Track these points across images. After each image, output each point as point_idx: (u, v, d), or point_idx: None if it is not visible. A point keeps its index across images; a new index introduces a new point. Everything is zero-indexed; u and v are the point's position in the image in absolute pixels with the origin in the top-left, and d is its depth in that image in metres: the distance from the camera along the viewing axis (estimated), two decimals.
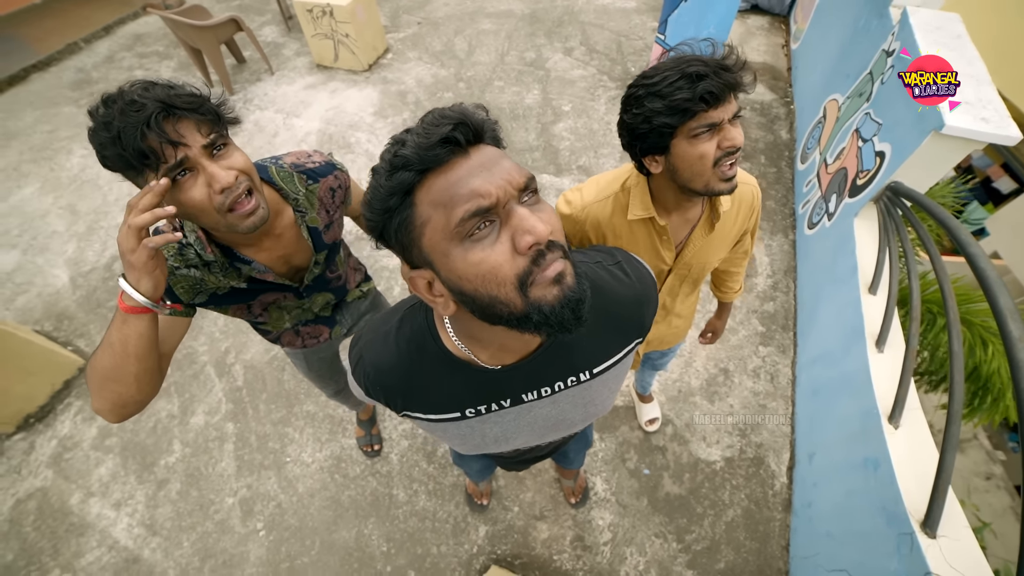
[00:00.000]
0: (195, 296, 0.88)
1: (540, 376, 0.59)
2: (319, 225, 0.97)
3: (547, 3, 4.68)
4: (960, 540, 1.07)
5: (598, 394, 0.66)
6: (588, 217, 0.98)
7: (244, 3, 4.93)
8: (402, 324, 0.60)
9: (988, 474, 4.41)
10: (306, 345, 1.26)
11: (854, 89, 2.32)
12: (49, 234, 2.82)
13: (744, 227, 1.05)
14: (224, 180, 0.70)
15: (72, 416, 2.07)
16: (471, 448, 0.71)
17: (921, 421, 1.32)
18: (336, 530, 1.75)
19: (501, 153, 0.46)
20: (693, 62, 0.74)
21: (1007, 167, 5.97)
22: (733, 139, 0.78)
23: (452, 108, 0.45)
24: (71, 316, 2.42)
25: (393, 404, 0.63)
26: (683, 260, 1.01)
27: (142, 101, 0.65)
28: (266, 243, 0.91)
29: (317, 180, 0.95)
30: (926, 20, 1.82)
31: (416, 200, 0.43)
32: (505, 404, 0.61)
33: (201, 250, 0.84)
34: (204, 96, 0.73)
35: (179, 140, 0.67)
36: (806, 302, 2.26)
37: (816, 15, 3.49)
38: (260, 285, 0.96)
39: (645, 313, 0.64)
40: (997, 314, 1.01)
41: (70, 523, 1.80)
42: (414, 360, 0.59)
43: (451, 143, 0.42)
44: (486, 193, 0.41)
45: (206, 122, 0.71)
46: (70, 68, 4.13)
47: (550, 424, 0.67)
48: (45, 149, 3.36)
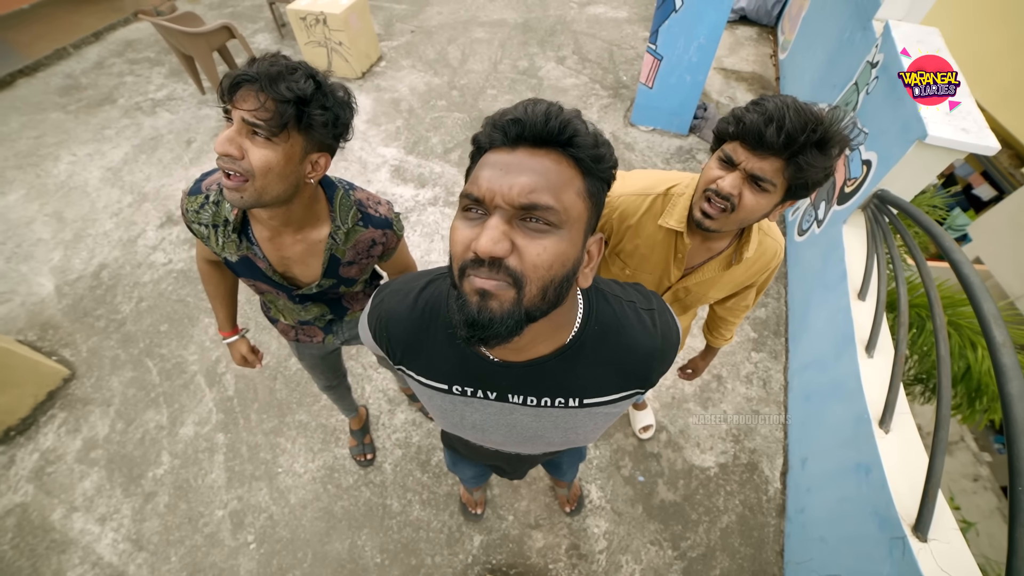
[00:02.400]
0: (208, 244, 0.95)
1: (531, 385, 0.60)
2: (343, 258, 0.97)
3: (540, 12, 4.74)
4: (950, 543, 1.08)
5: (582, 424, 0.66)
6: (619, 206, 0.97)
7: (237, 10, 4.93)
8: (427, 286, 0.63)
9: (975, 476, 4.48)
10: (299, 340, 1.26)
11: (840, 99, 2.38)
12: (34, 242, 2.76)
13: (754, 279, 1.04)
14: (217, 147, 0.72)
15: (56, 428, 2.02)
16: (448, 425, 0.72)
17: (911, 425, 1.34)
18: (329, 542, 1.72)
19: (538, 166, 0.44)
20: (793, 109, 0.68)
21: (987, 175, 6.13)
22: (720, 184, 0.77)
23: (532, 105, 0.46)
24: (56, 325, 2.37)
25: (393, 354, 0.65)
26: (686, 283, 1.01)
27: (261, 68, 0.70)
28: (282, 238, 0.91)
29: (367, 227, 0.96)
30: (907, 33, 1.88)
31: (479, 161, 0.49)
32: (491, 396, 0.62)
33: (229, 209, 0.88)
34: (294, 96, 0.71)
35: (234, 98, 0.71)
36: (797, 308, 2.29)
37: (803, 27, 3.58)
38: (252, 270, 0.96)
39: (654, 368, 0.62)
40: (981, 319, 1.03)
41: (51, 540, 1.75)
42: (425, 322, 0.61)
43: (501, 132, 0.46)
44: (478, 187, 0.45)
45: (268, 109, 0.70)
46: (58, 74, 4.09)
47: (527, 435, 0.68)
48: (31, 155, 3.31)
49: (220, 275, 1.15)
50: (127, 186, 3.08)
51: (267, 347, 2.23)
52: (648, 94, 3.22)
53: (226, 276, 1.17)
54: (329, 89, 0.77)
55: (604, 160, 0.48)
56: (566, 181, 0.45)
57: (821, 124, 0.68)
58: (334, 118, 0.77)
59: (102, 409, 2.08)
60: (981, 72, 5.22)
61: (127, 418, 2.05)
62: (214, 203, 0.89)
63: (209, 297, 1.20)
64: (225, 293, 1.19)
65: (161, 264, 2.62)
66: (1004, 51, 5.21)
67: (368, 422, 1.98)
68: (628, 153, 3.26)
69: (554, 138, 0.45)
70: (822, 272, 2.04)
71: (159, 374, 2.18)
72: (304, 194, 0.84)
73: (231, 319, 1.25)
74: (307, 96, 0.72)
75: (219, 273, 1.15)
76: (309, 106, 0.73)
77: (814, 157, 0.69)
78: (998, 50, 5.25)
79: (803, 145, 0.68)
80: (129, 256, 2.67)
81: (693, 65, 2.95)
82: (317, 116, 0.74)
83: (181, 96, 3.78)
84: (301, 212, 0.87)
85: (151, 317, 2.39)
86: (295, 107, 0.72)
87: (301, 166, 0.79)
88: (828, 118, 0.69)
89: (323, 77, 0.76)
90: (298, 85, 0.71)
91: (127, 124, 3.54)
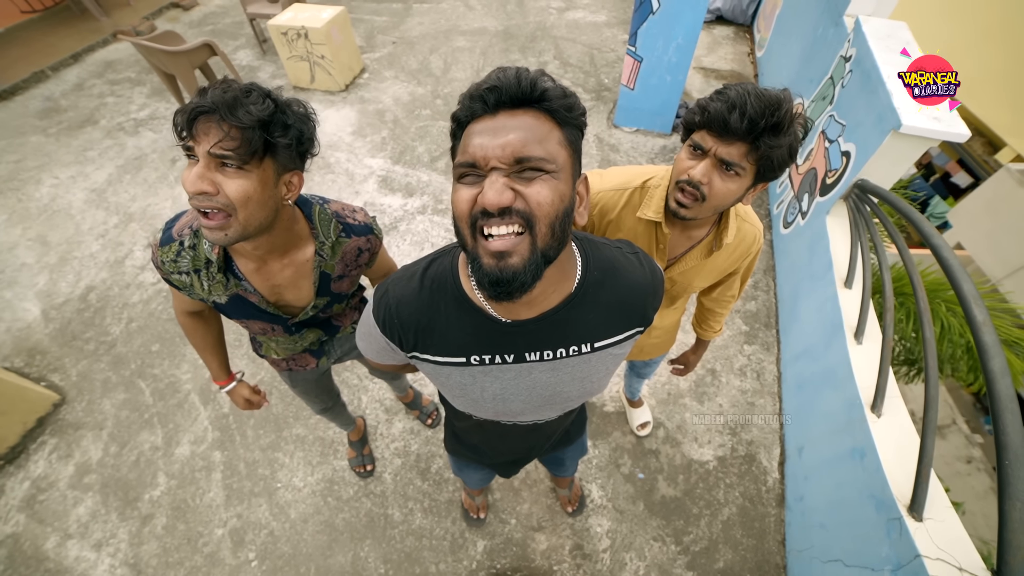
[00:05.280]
0: (191, 294, 0.93)
1: (545, 338, 0.63)
2: (332, 273, 0.97)
3: (520, 19, 4.80)
4: (945, 521, 1.10)
5: (595, 370, 0.69)
6: (599, 202, 0.99)
7: (218, 27, 4.92)
8: (429, 265, 0.65)
9: (968, 457, 4.55)
10: (292, 369, 1.25)
11: (817, 93, 2.44)
12: (18, 267, 2.72)
13: (736, 265, 1.06)
14: (188, 186, 0.69)
15: (47, 455, 1.98)
16: (468, 402, 0.72)
17: (902, 408, 1.37)
18: (331, 555, 1.71)
19: (520, 124, 0.49)
20: (754, 95, 0.72)
21: (962, 163, 6.29)
22: (691, 173, 0.80)
23: (502, 72, 0.50)
24: (44, 350, 2.33)
25: (405, 341, 0.66)
26: (670, 274, 1.03)
27: (215, 96, 0.67)
28: (269, 267, 0.90)
29: (350, 236, 0.96)
30: (877, 28, 1.93)
31: (463, 135, 0.53)
32: (508, 359, 0.64)
33: (209, 249, 0.86)
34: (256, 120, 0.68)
35: (195, 133, 0.69)
36: (786, 299, 2.33)
37: (777, 24, 3.66)
38: (245, 308, 0.95)
39: (648, 304, 0.68)
40: (962, 300, 1.06)
41: (45, 569, 1.71)
42: (433, 298, 0.63)
43: (480, 102, 0.50)
44: (472, 154, 0.49)
45: (234, 137, 0.68)
46: (37, 97, 4.04)
47: (547, 395, 0.70)
48: (11, 180, 3.26)
49: (204, 326, 1.11)
50: (112, 207, 3.04)
51: (261, 364, 2.21)
52: (630, 95, 3.27)
53: (210, 325, 1.13)
54: (287, 106, 0.75)
55: (575, 109, 0.52)
56: (547, 133, 0.50)
57: (780, 106, 0.72)
58: (299, 134, 0.76)
59: (94, 433, 2.04)
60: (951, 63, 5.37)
61: (120, 441, 2.01)
62: (191, 248, 0.86)
63: (197, 350, 1.15)
64: (213, 343, 1.15)
65: (150, 284, 2.59)
66: (971, 42, 5.38)
67: (366, 433, 1.97)
68: (613, 154, 3.30)
69: (528, 96, 0.50)
70: (809, 263, 2.08)
71: (152, 394, 2.15)
72: (283, 217, 0.83)
73: (224, 367, 1.20)
74: (269, 118, 0.70)
75: (203, 324, 1.11)
76: (272, 127, 0.71)
77: (776, 138, 0.74)
78: (965, 41, 5.41)
79: (765, 127, 0.73)
80: (117, 277, 2.64)
81: (673, 65, 3.00)
82: (281, 137, 0.73)
83: (164, 115, 3.75)
84: (283, 236, 0.86)
85: (142, 337, 2.36)
86: (260, 131, 0.70)
87: (277, 189, 0.77)
88: (786, 100, 0.73)
89: (278, 95, 0.75)
90: (258, 108, 0.69)
91: (110, 145, 3.51)
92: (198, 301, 0.99)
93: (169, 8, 5.30)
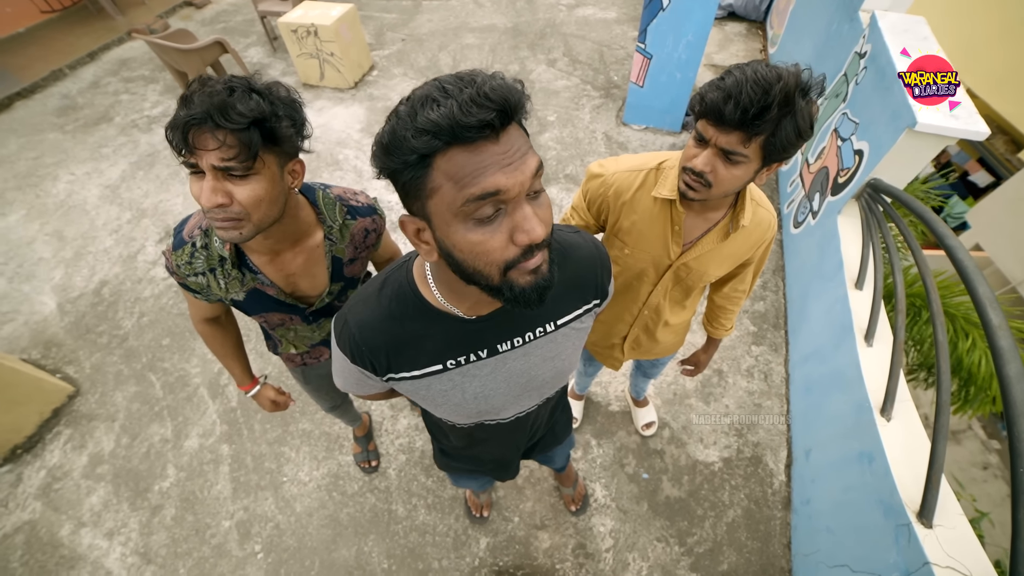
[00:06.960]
0: (209, 295, 0.93)
1: (512, 327, 0.64)
2: (344, 257, 0.98)
3: (529, 16, 4.77)
4: (956, 528, 1.08)
5: (562, 348, 0.71)
6: (614, 183, 1.00)
7: (229, 25, 4.97)
8: (384, 284, 0.64)
9: (985, 464, 4.45)
10: (305, 363, 1.26)
11: (831, 90, 2.39)
12: (35, 261, 2.78)
13: (751, 253, 1.05)
14: (204, 202, 0.70)
15: (62, 445, 2.03)
16: (451, 409, 0.72)
17: (912, 413, 1.34)
18: (336, 549, 1.73)
19: (524, 140, 0.45)
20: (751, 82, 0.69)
21: (983, 161, 6.13)
22: (694, 162, 0.80)
23: (494, 86, 0.41)
24: (59, 343, 2.39)
25: (378, 365, 0.65)
26: (685, 259, 1.02)
27: (202, 103, 0.65)
28: (282, 257, 0.91)
29: (356, 217, 0.97)
30: (894, 23, 1.89)
31: (434, 165, 0.42)
32: (482, 355, 0.64)
33: (220, 246, 0.86)
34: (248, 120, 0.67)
35: (193, 147, 0.68)
36: (795, 300, 2.29)
37: (791, 20, 3.60)
38: (263, 301, 0.96)
39: (600, 275, 0.71)
40: (977, 303, 1.03)
41: (60, 556, 1.76)
42: (396, 315, 0.62)
43: (488, 127, 0.41)
44: (504, 188, 0.42)
45: (232, 145, 0.67)
46: (55, 95, 4.13)
47: (523, 383, 0.71)
48: (30, 176, 3.34)
49: (222, 332, 1.12)
50: (125, 203, 3.10)
51: (268, 359, 2.24)
52: (639, 93, 3.24)
53: (228, 331, 1.14)
54: (272, 95, 0.72)
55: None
56: (529, 142, 0.46)
57: (777, 88, 0.68)
58: (291, 122, 0.75)
59: (107, 424, 2.08)
60: (973, 59, 5.22)
61: (132, 433, 2.06)
62: (203, 248, 0.86)
63: (218, 357, 1.16)
64: (233, 348, 1.16)
65: (161, 279, 2.63)
66: (996, 37, 5.22)
67: (371, 429, 1.98)
68: (621, 152, 3.27)
69: (517, 111, 0.43)
70: (819, 263, 2.05)
71: (162, 388, 2.19)
72: (291, 205, 0.84)
73: (247, 371, 1.21)
74: (259, 114, 0.68)
75: (220, 330, 1.12)
76: (265, 121, 0.69)
77: (779, 122, 0.70)
78: (989, 36, 5.26)
79: (762, 115, 0.69)
80: (129, 272, 2.69)
81: (683, 63, 2.97)
82: (275, 128, 0.71)
83: None
84: (292, 224, 0.87)
85: (153, 332, 2.40)
86: (254, 129, 0.68)
87: (283, 181, 0.78)
88: (788, 76, 0.69)
89: (260, 85, 0.72)
90: (247, 106, 0.67)
91: (124, 142, 3.57)
92: (215, 306, 1.00)
93: (182, 6, 5.38)
